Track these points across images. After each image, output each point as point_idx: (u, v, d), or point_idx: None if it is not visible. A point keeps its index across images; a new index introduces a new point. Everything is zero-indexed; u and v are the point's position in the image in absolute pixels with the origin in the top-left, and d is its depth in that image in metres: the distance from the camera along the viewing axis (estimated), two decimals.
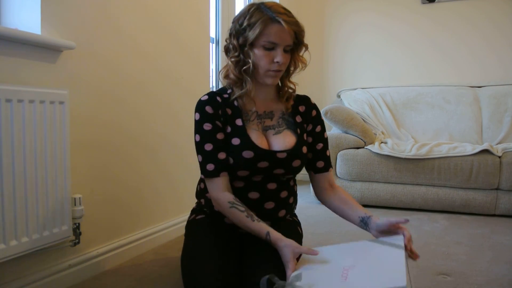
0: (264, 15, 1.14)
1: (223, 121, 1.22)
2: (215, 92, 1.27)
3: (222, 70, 1.27)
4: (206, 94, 1.25)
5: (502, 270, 1.61)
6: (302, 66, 1.27)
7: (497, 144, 2.83)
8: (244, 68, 1.19)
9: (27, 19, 1.33)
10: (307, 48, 1.24)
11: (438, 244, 1.94)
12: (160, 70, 1.92)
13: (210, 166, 1.18)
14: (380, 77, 3.59)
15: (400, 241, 1.06)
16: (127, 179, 1.74)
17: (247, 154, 1.18)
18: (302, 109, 1.33)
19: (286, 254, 1.05)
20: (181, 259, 1.22)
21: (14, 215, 1.18)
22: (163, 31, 1.94)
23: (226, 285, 1.03)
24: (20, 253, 1.21)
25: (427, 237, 2.05)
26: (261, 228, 1.11)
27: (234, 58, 1.21)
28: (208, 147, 1.19)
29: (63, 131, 1.33)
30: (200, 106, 1.22)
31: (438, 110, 3.16)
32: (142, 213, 1.85)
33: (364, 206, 1.45)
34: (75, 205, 1.40)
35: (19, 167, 1.19)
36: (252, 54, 1.17)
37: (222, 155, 1.19)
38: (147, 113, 1.85)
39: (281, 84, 1.31)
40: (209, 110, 1.21)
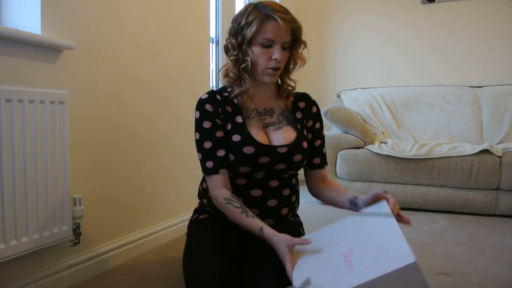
0: (260, 13, 1.16)
1: (223, 118, 1.23)
2: (215, 91, 1.28)
3: (222, 69, 1.28)
4: (206, 93, 1.27)
5: (502, 270, 1.61)
6: (301, 63, 1.27)
7: (497, 144, 2.83)
8: (242, 66, 1.21)
9: (27, 19, 1.33)
10: (306, 45, 1.26)
11: (438, 244, 1.94)
12: (160, 70, 1.92)
13: (209, 164, 1.20)
14: (380, 77, 3.59)
15: (385, 208, 1.04)
16: (128, 179, 1.74)
17: (248, 149, 1.19)
18: (302, 105, 1.34)
19: (282, 249, 1.05)
20: (183, 260, 1.22)
21: (14, 215, 1.18)
22: (164, 31, 1.94)
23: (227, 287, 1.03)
24: (20, 253, 1.21)
25: (427, 237, 2.05)
26: (255, 224, 1.12)
27: (233, 57, 1.23)
28: (207, 145, 1.20)
29: (63, 131, 1.33)
30: (200, 105, 1.24)
31: (438, 110, 3.16)
32: (143, 212, 1.85)
33: None
34: (75, 205, 1.40)
35: (19, 167, 1.19)
36: (250, 52, 1.19)
37: (221, 153, 1.20)
38: (148, 112, 1.85)
39: (280, 81, 1.32)
40: (208, 108, 1.23)
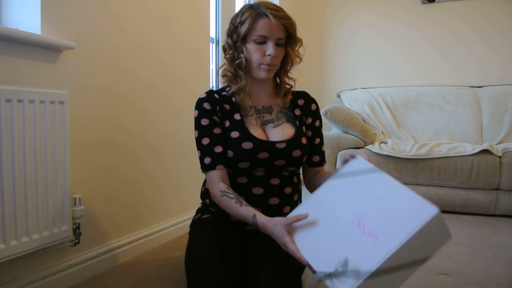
0: (254, 11, 1.20)
1: (221, 116, 1.25)
2: (214, 90, 1.31)
3: (220, 69, 1.31)
4: (204, 93, 1.30)
5: (501, 269, 1.61)
6: (297, 60, 1.29)
7: (497, 144, 2.83)
8: (237, 62, 1.23)
9: (27, 19, 1.33)
10: (301, 42, 1.27)
11: None
12: (160, 70, 1.92)
13: (207, 160, 1.21)
14: (380, 77, 3.59)
15: (363, 163, 1.00)
16: (128, 179, 1.74)
17: (247, 145, 1.20)
18: (301, 102, 1.36)
19: (279, 231, 1.00)
20: (185, 260, 1.22)
21: (14, 215, 1.18)
22: (164, 31, 1.94)
23: None
24: (20, 253, 1.21)
25: None
26: (248, 212, 1.10)
27: (229, 55, 1.26)
28: (205, 141, 1.22)
29: (63, 131, 1.33)
30: (198, 104, 1.27)
31: (438, 110, 3.16)
32: (143, 212, 1.85)
33: None
34: (75, 205, 1.40)
35: (19, 167, 1.19)
36: (244, 49, 1.22)
37: (218, 149, 1.21)
38: (148, 112, 1.85)
39: (279, 80, 1.33)
40: (206, 106, 1.25)
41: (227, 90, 1.29)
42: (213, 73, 2.52)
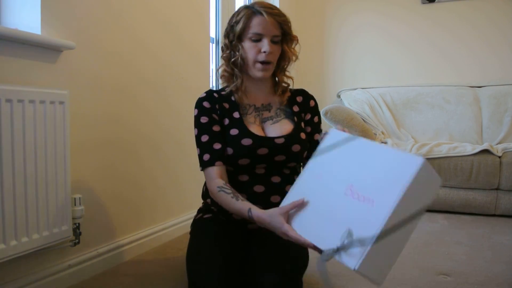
0: (248, 10, 1.22)
1: (220, 114, 1.27)
2: (214, 90, 1.33)
3: (218, 69, 1.33)
4: (204, 92, 1.31)
5: (501, 269, 1.61)
6: (293, 58, 1.30)
7: (497, 144, 2.83)
8: (233, 60, 1.25)
9: (27, 19, 1.33)
10: (297, 40, 1.29)
11: (438, 244, 1.94)
12: (160, 70, 1.92)
13: (206, 156, 1.22)
14: (380, 77, 3.58)
15: (339, 135, 0.99)
16: (129, 178, 1.74)
17: (246, 141, 1.21)
18: (299, 99, 1.37)
19: (277, 221, 0.98)
20: (186, 260, 1.22)
21: (14, 215, 1.18)
22: (164, 31, 1.94)
23: None
24: (20, 253, 1.21)
25: (427, 237, 2.05)
26: (244, 206, 1.10)
27: (225, 55, 1.28)
28: (204, 138, 1.23)
29: (63, 131, 1.33)
30: (198, 103, 1.28)
31: (438, 110, 3.16)
32: (144, 212, 1.85)
33: None
34: (75, 205, 1.40)
35: (19, 167, 1.19)
36: (240, 47, 1.23)
37: (217, 146, 1.22)
38: (148, 112, 1.85)
39: (277, 79, 1.34)
40: (206, 105, 1.27)
41: (226, 89, 1.31)
42: (213, 73, 2.53)
